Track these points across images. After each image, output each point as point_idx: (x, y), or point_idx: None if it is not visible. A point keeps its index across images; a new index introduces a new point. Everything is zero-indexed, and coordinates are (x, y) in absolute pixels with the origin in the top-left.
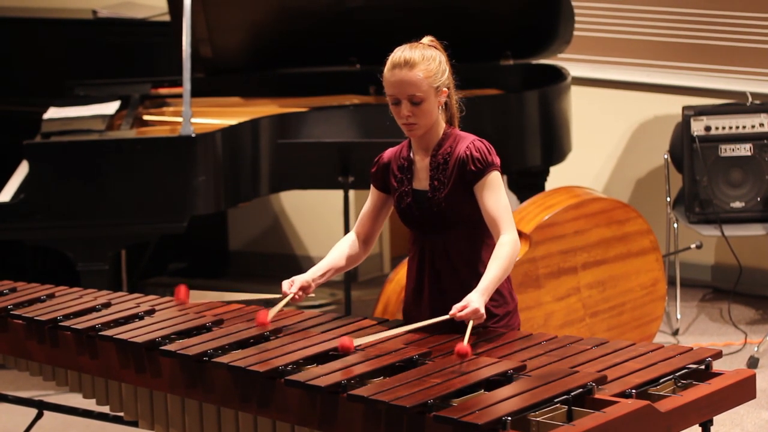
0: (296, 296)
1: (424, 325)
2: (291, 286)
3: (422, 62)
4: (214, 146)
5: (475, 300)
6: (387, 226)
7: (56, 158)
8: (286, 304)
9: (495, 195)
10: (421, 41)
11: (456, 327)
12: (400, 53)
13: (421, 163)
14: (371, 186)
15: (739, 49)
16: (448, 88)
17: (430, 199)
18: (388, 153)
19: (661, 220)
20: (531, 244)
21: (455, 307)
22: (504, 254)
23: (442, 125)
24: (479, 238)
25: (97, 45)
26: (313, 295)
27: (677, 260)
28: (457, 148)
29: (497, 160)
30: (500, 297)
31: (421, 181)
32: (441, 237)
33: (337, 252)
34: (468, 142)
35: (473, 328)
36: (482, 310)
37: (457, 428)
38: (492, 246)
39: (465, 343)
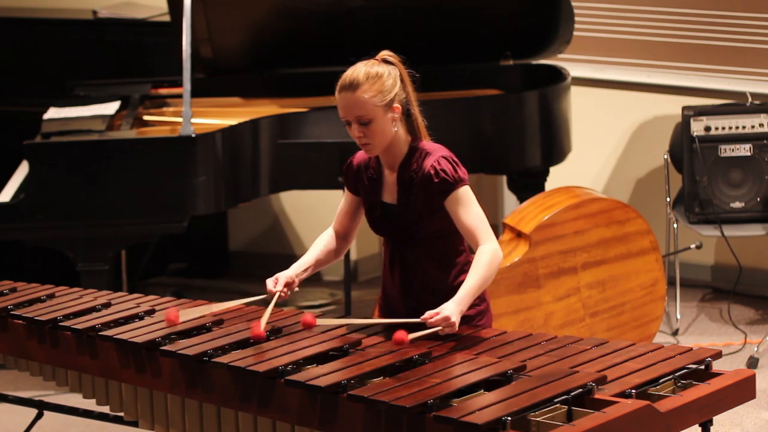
0: (282, 294)
1: (393, 322)
2: (275, 284)
3: (366, 82)
4: (214, 146)
5: (448, 308)
6: None
7: (56, 158)
8: (276, 303)
9: (467, 209)
10: (375, 57)
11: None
12: (347, 74)
13: (390, 177)
14: (344, 187)
15: (739, 49)
16: (402, 103)
17: (399, 214)
18: (358, 158)
19: (661, 221)
20: (531, 244)
21: (428, 313)
22: (482, 263)
23: (405, 140)
24: (451, 245)
25: (97, 45)
26: (297, 288)
27: (677, 260)
28: (423, 164)
29: (464, 174)
30: None
31: (391, 194)
32: (411, 247)
33: (318, 248)
34: (433, 159)
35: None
36: (454, 319)
37: (457, 428)
38: (466, 251)
39: (408, 336)
